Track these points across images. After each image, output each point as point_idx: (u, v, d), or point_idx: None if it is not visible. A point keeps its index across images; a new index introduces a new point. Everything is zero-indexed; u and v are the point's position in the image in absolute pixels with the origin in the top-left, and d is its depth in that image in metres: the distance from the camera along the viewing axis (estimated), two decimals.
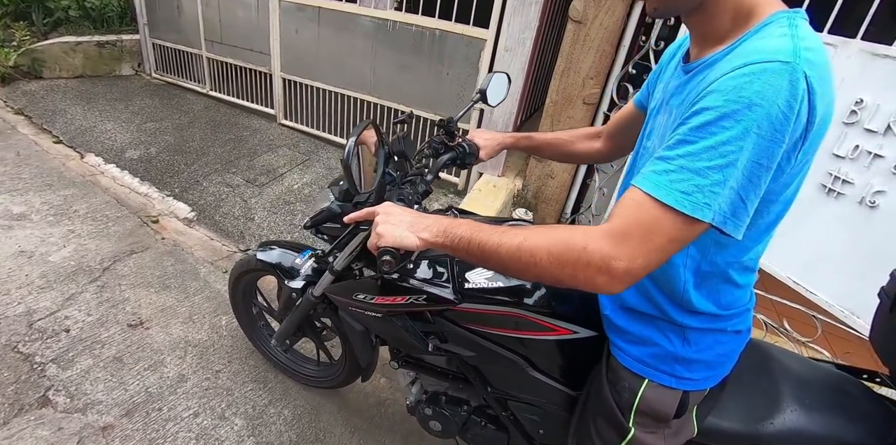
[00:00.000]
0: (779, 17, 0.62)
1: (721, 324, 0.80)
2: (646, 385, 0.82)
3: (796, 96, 0.55)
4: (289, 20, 3.34)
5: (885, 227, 1.56)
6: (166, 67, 4.38)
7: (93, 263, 2.11)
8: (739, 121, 0.55)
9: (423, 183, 1.04)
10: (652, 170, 0.60)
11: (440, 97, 2.94)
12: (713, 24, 0.67)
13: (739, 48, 0.62)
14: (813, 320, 1.80)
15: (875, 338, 0.96)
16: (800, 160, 0.61)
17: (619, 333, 0.87)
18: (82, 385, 1.59)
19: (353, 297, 1.06)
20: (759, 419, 0.87)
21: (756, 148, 0.56)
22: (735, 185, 0.57)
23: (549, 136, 1.19)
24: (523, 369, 0.99)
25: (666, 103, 0.76)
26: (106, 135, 3.32)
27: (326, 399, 1.69)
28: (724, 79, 0.57)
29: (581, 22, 2.22)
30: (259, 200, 2.81)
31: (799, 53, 0.56)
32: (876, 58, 1.56)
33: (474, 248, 0.68)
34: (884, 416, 0.89)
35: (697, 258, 0.74)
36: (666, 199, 0.58)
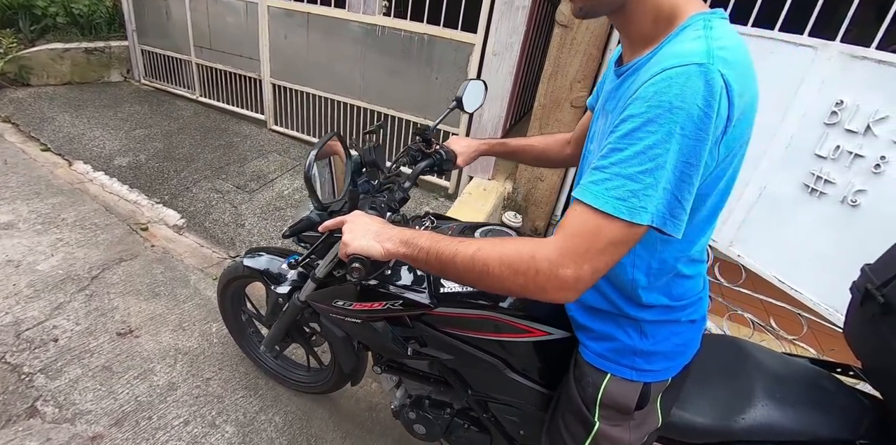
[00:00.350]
0: (696, 19, 0.65)
1: (674, 315, 0.82)
2: (608, 379, 0.84)
3: (714, 95, 0.57)
4: (278, 26, 3.35)
5: (867, 226, 1.59)
6: (155, 74, 4.37)
7: (81, 272, 2.10)
8: (663, 124, 0.57)
9: (401, 190, 1.06)
10: (589, 181, 0.63)
11: (429, 101, 2.96)
12: (636, 25, 0.70)
13: (660, 53, 0.65)
14: (799, 318, 1.82)
15: (848, 332, 0.97)
16: (722, 153, 0.63)
17: (583, 331, 0.89)
18: (71, 395, 1.58)
19: (333, 304, 1.08)
20: (731, 414, 0.88)
21: (682, 148, 0.58)
22: (668, 186, 0.59)
23: (523, 142, 1.22)
24: (501, 371, 1.01)
25: (603, 107, 0.78)
26: (94, 142, 3.30)
27: (317, 404, 1.69)
28: (645, 86, 0.60)
29: (568, 26, 2.25)
30: (249, 206, 2.81)
31: (712, 54, 0.58)
32: (855, 59, 1.59)
33: (433, 259, 0.71)
34: (856, 409, 0.91)
35: (645, 257, 0.76)
36: (604, 207, 0.60)
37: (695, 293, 0.84)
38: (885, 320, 0.84)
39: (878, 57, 1.53)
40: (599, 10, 0.71)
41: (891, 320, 0.83)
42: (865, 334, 0.91)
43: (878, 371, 0.93)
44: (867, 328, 0.89)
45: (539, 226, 2.77)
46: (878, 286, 0.86)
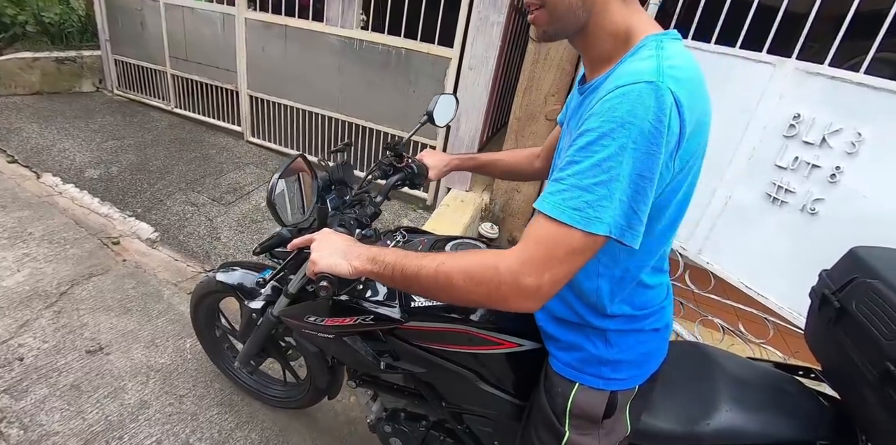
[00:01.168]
0: (649, 40, 0.69)
1: (638, 324, 0.84)
2: (576, 388, 0.86)
3: (664, 111, 0.60)
4: (255, 38, 3.35)
5: (825, 232, 1.66)
6: (129, 84, 4.31)
7: (49, 288, 2.04)
8: (616, 138, 0.60)
9: (373, 205, 1.07)
10: (548, 192, 0.65)
11: (407, 114, 2.99)
12: (595, 47, 0.74)
13: (616, 72, 0.68)
14: (766, 322, 1.88)
15: (808, 336, 1.01)
16: (677, 166, 0.66)
17: (551, 341, 0.91)
18: (37, 416, 1.52)
19: (305, 320, 1.08)
20: (697, 419, 0.91)
21: (635, 161, 0.61)
22: (623, 198, 0.62)
23: (493, 157, 1.25)
24: (474, 383, 1.01)
25: (567, 124, 0.82)
26: (64, 153, 3.23)
27: (294, 419, 1.67)
28: (600, 102, 0.63)
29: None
30: (225, 219, 2.77)
31: (662, 72, 0.62)
32: (810, 75, 1.67)
33: (398, 274, 0.72)
34: (817, 411, 0.94)
35: (610, 266, 0.78)
36: (560, 217, 0.62)
37: (657, 302, 0.86)
38: (840, 323, 0.88)
39: (830, 73, 1.62)
40: (562, 33, 0.75)
41: (846, 323, 0.86)
42: (823, 337, 0.95)
43: (835, 373, 0.97)
44: (825, 331, 0.92)
45: (516, 237, 2.80)
46: (833, 291, 0.90)
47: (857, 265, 0.90)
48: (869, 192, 1.56)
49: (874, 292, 0.82)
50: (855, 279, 0.87)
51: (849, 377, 0.88)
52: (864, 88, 1.54)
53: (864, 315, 0.82)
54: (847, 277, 0.89)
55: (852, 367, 0.83)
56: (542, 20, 0.73)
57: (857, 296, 0.85)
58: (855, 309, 0.84)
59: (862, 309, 0.83)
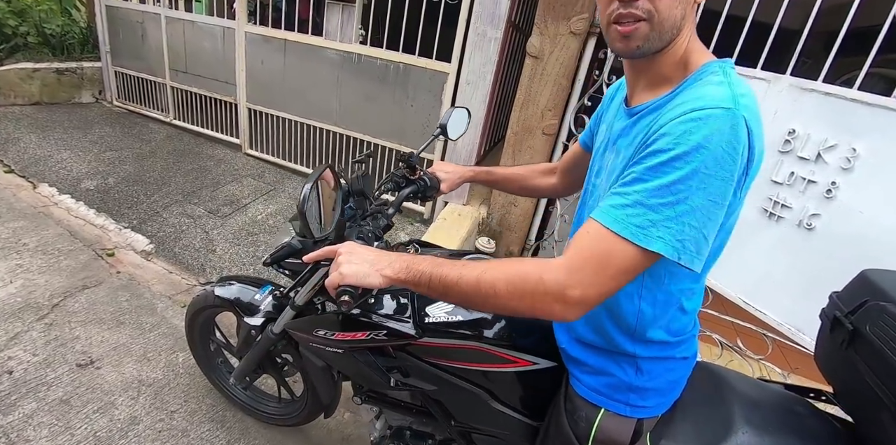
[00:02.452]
0: (713, 66, 0.69)
1: (670, 352, 0.83)
2: (602, 414, 0.84)
3: (738, 138, 0.60)
4: (255, 51, 3.38)
5: (822, 247, 1.66)
6: (128, 95, 4.33)
7: (41, 299, 2.01)
8: (689, 162, 0.60)
9: (385, 217, 1.06)
10: (609, 205, 0.64)
11: (405, 128, 3.00)
12: (662, 67, 0.74)
13: (682, 94, 0.68)
14: (764, 338, 1.87)
15: (819, 359, 1.00)
16: (744, 192, 0.67)
17: (575, 364, 0.89)
18: (24, 431, 1.49)
19: (314, 333, 1.06)
20: (712, 442, 0.89)
21: (707, 187, 0.60)
22: (690, 221, 0.61)
23: (508, 172, 1.23)
24: (486, 401, 1.00)
25: (613, 143, 0.80)
26: (61, 164, 3.22)
27: (288, 437, 1.64)
28: (673, 124, 0.62)
29: (538, 57, 2.34)
30: (221, 231, 2.76)
31: (737, 100, 0.62)
32: (804, 91, 1.69)
33: (436, 283, 0.70)
34: (829, 433, 0.93)
35: (652, 288, 0.77)
36: (622, 232, 0.62)
37: (689, 330, 0.85)
38: (853, 346, 0.87)
39: (824, 89, 1.64)
40: (656, 47, 0.70)
41: (859, 347, 0.85)
42: (835, 360, 0.94)
43: (848, 396, 0.95)
44: (837, 354, 0.91)
45: (513, 252, 2.80)
46: (846, 313, 0.89)
47: (868, 288, 0.89)
48: (865, 208, 1.57)
49: (888, 315, 0.81)
50: (867, 302, 0.86)
51: (863, 400, 0.86)
52: (857, 104, 1.56)
53: (878, 337, 0.81)
54: (859, 300, 0.88)
55: (867, 390, 0.82)
56: (643, 33, 0.68)
57: (871, 319, 0.84)
58: (869, 332, 0.83)
59: (876, 332, 0.82)
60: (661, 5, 0.66)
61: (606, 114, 0.91)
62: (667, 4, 0.66)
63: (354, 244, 0.82)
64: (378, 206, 1.09)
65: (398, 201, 1.11)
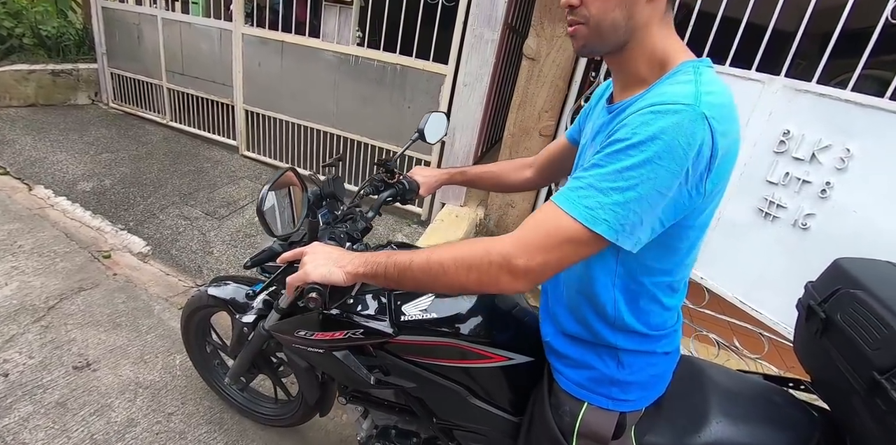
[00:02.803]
0: (686, 66, 0.71)
1: (651, 346, 0.85)
2: (585, 408, 0.86)
3: (695, 135, 0.62)
4: (252, 53, 3.38)
5: (817, 247, 1.67)
6: (125, 97, 4.32)
7: (37, 302, 2.00)
8: (643, 151, 0.62)
9: (364, 220, 1.07)
10: (566, 187, 0.68)
11: (402, 130, 3.01)
12: (631, 66, 0.76)
13: (651, 92, 0.70)
14: (760, 337, 1.88)
15: (796, 348, 1.02)
16: (709, 189, 0.68)
17: (559, 358, 0.91)
18: (20, 435, 1.48)
19: (295, 334, 1.07)
20: (688, 433, 0.90)
21: (655, 176, 0.62)
22: (635, 207, 0.63)
23: (482, 169, 1.26)
24: (464, 398, 1.01)
25: (592, 140, 0.83)
26: (57, 166, 3.21)
27: (285, 438, 1.63)
28: (634, 116, 0.65)
29: (535, 59, 2.35)
30: (218, 233, 2.76)
31: (700, 97, 0.63)
32: (798, 92, 1.71)
33: (391, 270, 0.73)
34: (806, 422, 0.94)
35: (625, 277, 0.79)
36: (571, 211, 0.64)
37: (670, 325, 0.86)
38: (826, 334, 0.89)
39: (818, 90, 1.65)
40: (600, 49, 0.76)
41: (832, 334, 0.87)
42: (811, 348, 0.95)
43: (824, 383, 0.97)
44: (812, 342, 0.93)
45: None
46: (819, 302, 0.92)
47: (841, 276, 0.91)
48: (859, 207, 1.58)
49: (858, 302, 0.83)
50: (839, 290, 0.88)
51: (837, 387, 0.88)
52: (851, 105, 1.58)
53: (849, 325, 0.83)
54: (831, 288, 0.91)
55: (840, 377, 0.83)
56: (583, 34, 0.74)
57: (842, 307, 0.86)
58: (840, 320, 0.85)
59: (847, 320, 0.84)
60: (594, 9, 0.71)
61: (593, 112, 0.93)
62: (598, 8, 0.71)
63: (321, 244, 0.85)
64: (350, 208, 1.11)
65: (377, 204, 1.14)
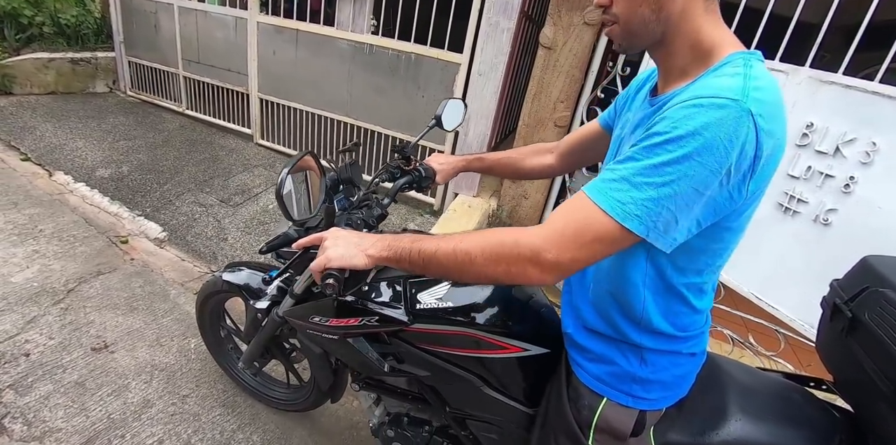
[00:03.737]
0: (735, 57, 0.67)
1: (677, 346, 0.83)
2: (604, 403, 0.84)
3: (738, 132, 0.58)
4: (267, 41, 3.38)
5: (838, 243, 1.64)
6: (142, 85, 4.36)
7: (57, 284, 2.05)
8: (682, 146, 0.59)
9: (380, 206, 1.07)
10: (599, 178, 0.65)
11: (416, 119, 3.00)
12: (674, 59, 0.73)
13: (696, 83, 0.67)
14: (776, 334, 1.85)
15: (819, 347, 0.99)
16: (751, 190, 0.64)
17: (579, 351, 0.89)
18: (41, 412, 1.52)
19: (310, 320, 1.07)
20: (706, 430, 0.89)
21: (693, 173, 0.59)
22: (669, 204, 0.61)
23: (500, 155, 1.23)
24: (478, 388, 1.00)
25: (632, 132, 0.80)
26: (76, 152, 3.26)
27: (297, 423, 1.66)
28: (675, 108, 0.62)
29: (551, 48, 2.31)
30: (233, 220, 2.79)
31: (748, 93, 0.60)
32: (823, 84, 1.66)
33: (415, 256, 0.72)
34: (827, 422, 0.92)
35: (655, 277, 0.77)
36: (602, 204, 0.62)
37: (698, 326, 0.84)
38: (853, 334, 0.85)
39: (844, 82, 1.60)
40: (638, 46, 0.75)
41: (858, 334, 0.84)
42: (835, 348, 0.93)
43: (848, 384, 0.94)
44: (837, 342, 0.90)
45: None
46: (845, 301, 0.88)
47: (869, 274, 0.88)
48: (884, 203, 1.54)
49: (887, 301, 0.80)
50: (867, 288, 0.85)
51: (862, 389, 0.85)
52: (878, 97, 1.53)
53: (877, 325, 0.80)
54: (859, 286, 0.87)
55: (866, 379, 0.81)
56: (616, 33, 0.74)
57: (870, 306, 0.83)
58: (868, 319, 0.82)
59: (875, 319, 0.81)
60: (620, 8, 0.71)
61: (632, 101, 0.90)
62: (624, 6, 0.70)
63: (340, 229, 0.84)
64: (367, 194, 1.10)
65: (393, 191, 1.12)
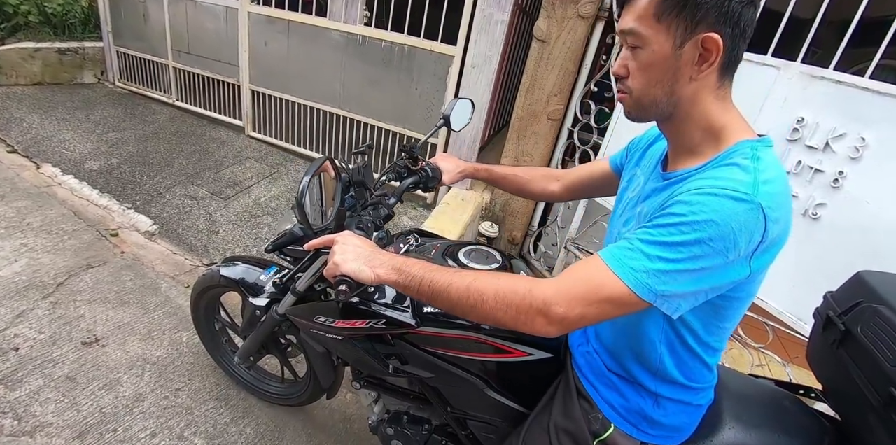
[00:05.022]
0: (743, 146, 0.70)
1: (689, 397, 0.86)
2: (612, 429, 0.88)
3: (749, 223, 0.63)
4: (258, 32, 3.34)
5: (827, 237, 1.66)
6: (131, 76, 4.29)
7: (46, 278, 2.03)
8: (697, 230, 0.63)
9: (386, 207, 1.06)
10: (615, 246, 0.69)
11: (409, 111, 2.98)
12: (684, 137, 0.76)
13: (710, 171, 0.70)
14: (765, 327, 1.88)
15: (810, 357, 1.01)
16: (754, 268, 0.68)
17: (597, 373, 0.91)
18: (31, 407, 1.52)
19: (314, 320, 1.07)
20: (699, 438, 0.91)
21: (703, 254, 0.63)
22: (678, 278, 0.64)
23: (508, 171, 1.24)
24: (481, 390, 1.01)
25: (643, 199, 0.83)
26: (64, 144, 3.21)
27: (290, 416, 1.66)
28: (692, 193, 0.65)
29: (545, 41, 2.30)
30: (224, 213, 2.77)
31: (758, 188, 0.64)
32: (814, 79, 1.67)
33: (425, 287, 0.74)
34: (817, 430, 0.94)
35: (671, 336, 0.80)
36: (616, 269, 0.66)
37: (708, 380, 0.88)
38: (844, 346, 0.87)
39: (835, 77, 1.61)
40: (647, 118, 0.77)
41: (850, 346, 0.86)
42: (826, 359, 0.94)
43: (837, 394, 0.96)
44: (828, 353, 0.92)
45: (516, 237, 2.80)
46: (839, 313, 0.90)
47: (862, 289, 0.90)
48: (872, 198, 1.55)
49: (880, 317, 0.82)
50: (860, 303, 0.87)
51: (851, 399, 0.87)
52: (869, 93, 1.54)
53: (869, 339, 0.82)
54: (852, 301, 0.89)
55: (855, 390, 0.83)
56: (627, 104, 0.77)
57: (863, 321, 0.85)
58: (860, 333, 0.84)
59: (867, 334, 0.83)
60: (635, 84, 0.74)
61: (642, 160, 0.93)
62: (640, 83, 0.73)
63: (353, 235, 0.85)
64: (378, 197, 1.09)
65: (399, 191, 1.12)
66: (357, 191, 1.07)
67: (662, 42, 0.69)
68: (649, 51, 0.70)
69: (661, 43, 0.69)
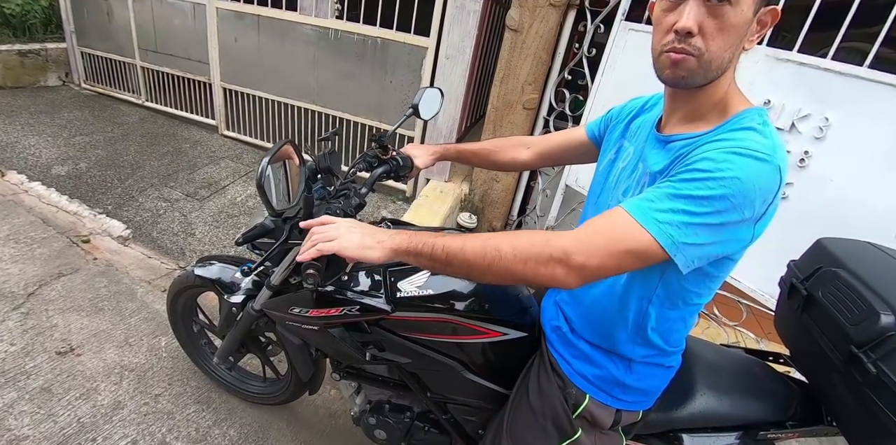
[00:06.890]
0: (752, 113, 0.73)
1: (662, 359, 0.88)
2: (588, 400, 0.90)
3: (771, 186, 0.66)
4: (227, 28, 3.27)
5: (795, 216, 1.69)
6: (97, 77, 4.17)
7: (16, 289, 1.97)
8: (723, 186, 0.64)
9: (357, 196, 1.05)
10: (640, 198, 0.69)
11: (384, 104, 2.95)
12: (700, 103, 0.76)
13: (726, 134, 0.71)
14: (738, 305, 1.92)
15: (777, 323, 1.05)
16: (757, 231, 0.71)
17: (565, 345, 0.93)
18: (5, 421, 1.48)
19: (289, 311, 1.06)
20: (673, 405, 0.93)
21: (724, 209, 0.65)
22: (699, 231, 0.66)
23: (476, 146, 1.25)
24: (459, 372, 1.02)
25: (642, 162, 0.83)
26: (30, 150, 3.11)
27: (274, 415, 1.65)
28: (718, 152, 0.67)
29: (518, 30, 2.30)
30: (200, 214, 2.72)
31: (776, 151, 0.67)
32: (779, 62, 1.69)
33: (439, 251, 0.72)
34: (785, 393, 0.98)
35: (662, 297, 0.81)
36: (641, 219, 0.66)
37: (681, 343, 0.90)
38: (807, 311, 0.92)
39: (799, 59, 1.64)
40: (699, 83, 0.73)
41: (813, 310, 0.90)
42: (792, 324, 0.99)
43: (803, 357, 1.01)
44: (793, 319, 0.96)
45: (496, 227, 2.81)
46: (801, 280, 0.94)
47: (822, 255, 0.94)
48: (836, 176, 1.59)
49: (839, 280, 0.85)
50: (821, 268, 0.91)
51: (816, 361, 0.91)
52: (830, 74, 1.57)
53: (829, 302, 0.86)
54: (813, 267, 0.93)
55: (819, 352, 0.87)
56: (689, 67, 0.71)
57: (823, 285, 0.89)
58: (821, 297, 0.88)
59: (828, 297, 0.86)
60: (713, 46, 0.69)
61: (630, 133, 0.92)
62: (718, 46, 0.69)
63: (350, 219, 0.83)
64: (345, 184, 1.08)
65: (370, 181, 1.11)
66: (325, 178, 1.06)
67: (750, 4, 0.68)
68: (738, 10, 0.67)
69: (749, 5, 0.68)
